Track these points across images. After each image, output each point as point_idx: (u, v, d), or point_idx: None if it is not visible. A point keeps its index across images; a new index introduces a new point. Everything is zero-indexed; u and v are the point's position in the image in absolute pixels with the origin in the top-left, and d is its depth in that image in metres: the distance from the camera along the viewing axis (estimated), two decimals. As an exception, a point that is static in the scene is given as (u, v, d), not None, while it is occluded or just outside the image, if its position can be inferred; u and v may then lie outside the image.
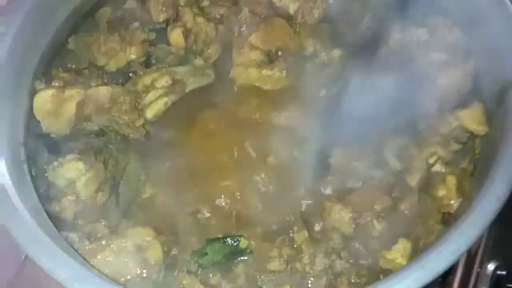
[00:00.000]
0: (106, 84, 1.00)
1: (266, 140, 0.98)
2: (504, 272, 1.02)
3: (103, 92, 0.97)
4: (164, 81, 1.00)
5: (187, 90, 1.03)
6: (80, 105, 0.96)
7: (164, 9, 1.08)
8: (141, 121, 0.98)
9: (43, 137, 0.96)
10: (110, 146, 0.97)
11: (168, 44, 1.07)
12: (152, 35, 1.08)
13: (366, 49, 1.03)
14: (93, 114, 0.96)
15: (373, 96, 0.96)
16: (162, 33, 1.08)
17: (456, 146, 0.91)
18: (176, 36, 1.06)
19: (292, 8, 1.10)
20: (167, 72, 1.01)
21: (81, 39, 1.06)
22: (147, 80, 1.01)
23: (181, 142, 1.00)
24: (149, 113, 0.99)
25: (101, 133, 0.98)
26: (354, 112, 0.95)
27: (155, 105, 0.99)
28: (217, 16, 1.11)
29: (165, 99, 1.00)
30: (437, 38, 1.01)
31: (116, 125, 0.97)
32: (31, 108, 0.96)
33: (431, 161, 0.91)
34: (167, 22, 1.09)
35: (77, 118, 0.97)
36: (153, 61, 1.06)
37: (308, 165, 0.95)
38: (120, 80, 1.03)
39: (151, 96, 1.00)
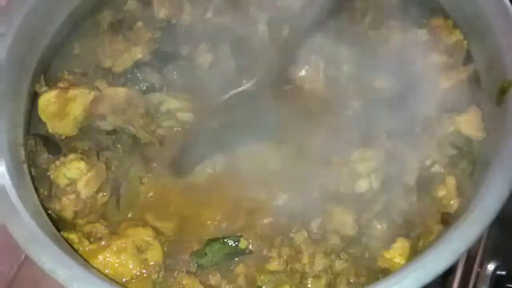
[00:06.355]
0: (112, 85, 1.00)
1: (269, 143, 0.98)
2: (504, 272, 1.02)
3: (120, 93, 0.97)
4: (178, 102, 1.01)
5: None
6: (95, 103, 0.96)
7: (167, 4, 1.08)
8: (154, 126, 0.98)
9: (43, 137, 0.96)
10: (118, 145, 0.97)
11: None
12: (157, 34, 1.07)
13: (366, 49, 1.03)
14: (108, 113, 0.96)
15: (371, 97, 0.97)
16: (166, 31, 1.07)
17: (452, 151, 0.91)
18: None
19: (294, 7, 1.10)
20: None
21: (86, 44, 1.06)
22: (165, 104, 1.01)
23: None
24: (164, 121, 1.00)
25: (113, 132, 0.98)
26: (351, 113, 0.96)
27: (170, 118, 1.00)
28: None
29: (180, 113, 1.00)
30: (438, 39, 1.01)
31: (131, 127, 0.97)
32: (31, 108, 0.96)
33: (427, 162, 0.91)
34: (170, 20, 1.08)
35: (89, 115, 0.96)
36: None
37: (307, 165, 0.95)
38: (125, 81, 1.02)
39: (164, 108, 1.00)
